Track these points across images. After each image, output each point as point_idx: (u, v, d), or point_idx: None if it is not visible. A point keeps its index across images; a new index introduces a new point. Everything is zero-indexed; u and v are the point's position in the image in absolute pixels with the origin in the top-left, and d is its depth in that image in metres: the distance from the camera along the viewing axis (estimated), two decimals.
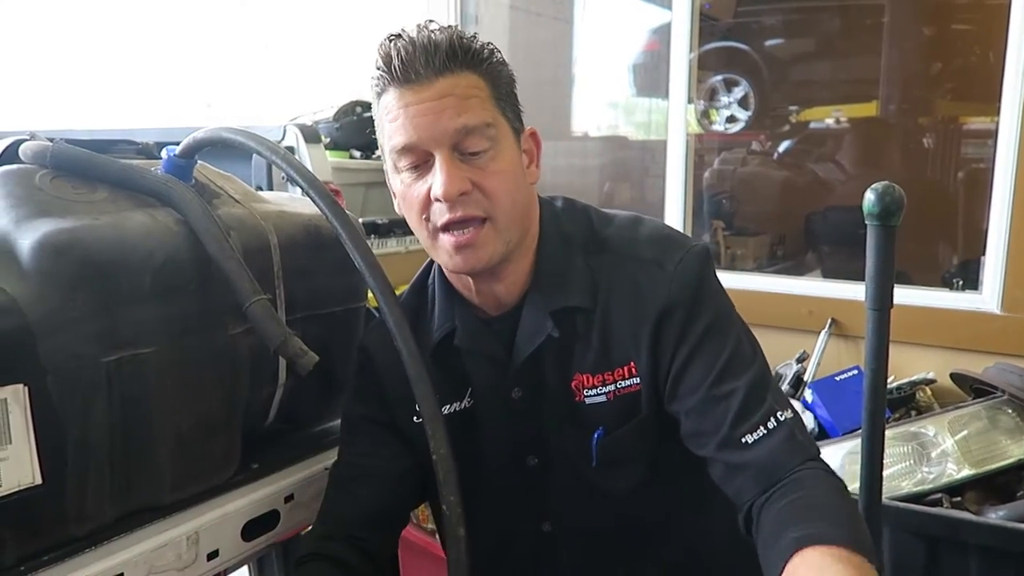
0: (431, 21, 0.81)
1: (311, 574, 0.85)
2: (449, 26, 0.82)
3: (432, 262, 0.93)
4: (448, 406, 0.90)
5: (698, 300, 0.83)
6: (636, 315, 0.84)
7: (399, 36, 0.79)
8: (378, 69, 0.80)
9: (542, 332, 0.85)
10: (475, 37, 0.82)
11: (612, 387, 0.85)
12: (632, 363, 0.84)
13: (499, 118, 0.82)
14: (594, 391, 0.85)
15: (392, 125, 0.80)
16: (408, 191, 0.82)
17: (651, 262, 0.85)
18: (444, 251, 0.82)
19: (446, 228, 0.80)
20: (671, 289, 0.82)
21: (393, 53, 0.78)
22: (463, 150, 0.79)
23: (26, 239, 0.71)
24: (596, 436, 0.86)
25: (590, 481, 0.88)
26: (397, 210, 0.88)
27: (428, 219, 0.81)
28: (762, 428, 0.78)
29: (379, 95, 0.82)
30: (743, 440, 0.78)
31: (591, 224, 0.90)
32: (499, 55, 0.84)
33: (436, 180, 0.78)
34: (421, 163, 0.80)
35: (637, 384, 0.85)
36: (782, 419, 0.79)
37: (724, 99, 3.35)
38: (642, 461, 0.88)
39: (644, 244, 0.86)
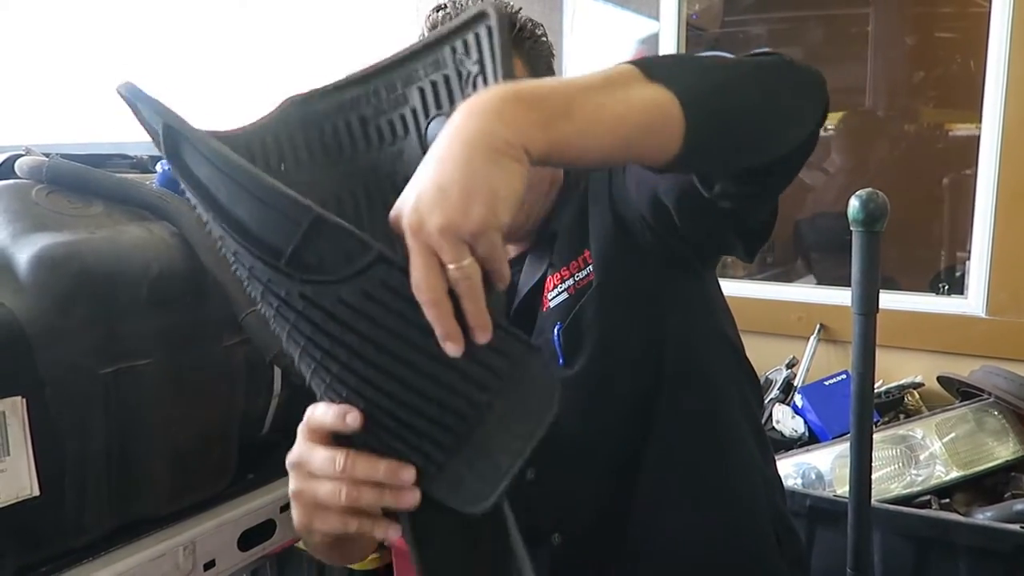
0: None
1: None
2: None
3: None
4: None
5: None
6: (581, 204, 0.86)
7: (444, 7, 0.82)
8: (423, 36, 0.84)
9: (542, 263, 0.87)
10: (519, 13, 0.83)
11: (571, 281, 0.85)
12: (587, 251, 0.84)
13: None
14: (556, 291, 0.85)
15: None
16: None
17: None
18: None
19: None
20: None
21: (440, 21, 0.81)
22: None
23: (23, 253, 0.72)
24: (557, 329, 0.84)
25: (570, 396, 0.86)
26: None
27: None
28: None
29: None
30: None
31: None
32: (540, 30, 0.86)
33: None
34: None
35: (591, 273, 0.84)
36: None
37: None
38: (607, 348, 0.84)
39: None
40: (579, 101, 0.52)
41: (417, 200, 0.47)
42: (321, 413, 0.54)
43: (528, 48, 0.84)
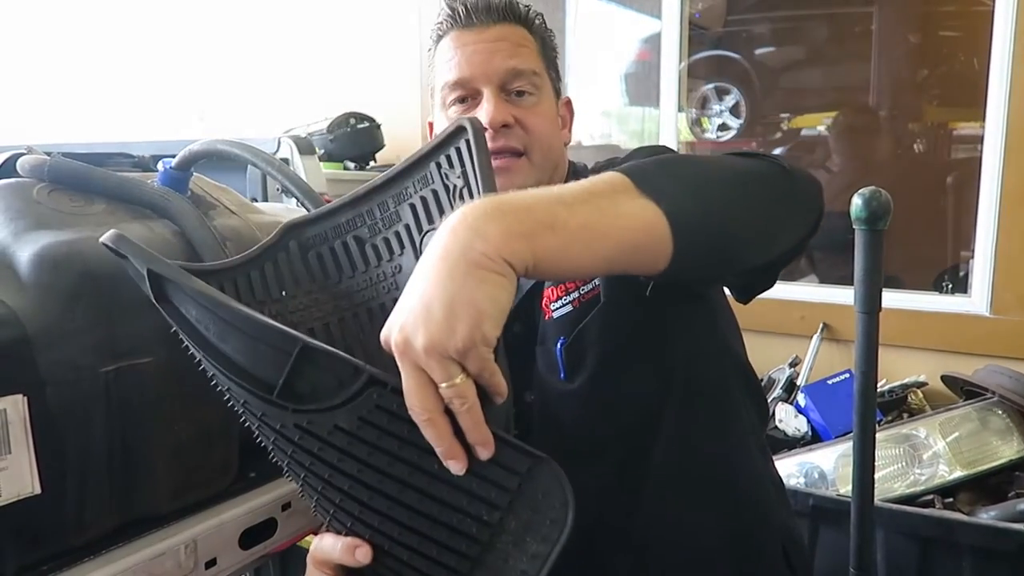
0: None
1: None
2: None
3: None
4: None
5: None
6: None
7: None
8: (442, 15, 0.89)
9: None
10: (529, 7, 0.92)
11: (576, 294, 0.84)
12: None
13: (544, 71, 0.91)
14: (559, 302, 0.85)
15: (448, 63, 0.88)
16: None
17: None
18: None
19: None
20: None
21: (459, 3, 0.88)
22: (509, 90, 0.87)
23: (25, 252, 0.72)
24: (560, 343, 0.84)
25: (571, 409, 0.86)
26: None
27: None
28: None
29: (438, 39, 0.90)
30: None
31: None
32: (548, 27, 0.94)
33: (483, 110, 0.85)
34: (469, 98, 0.87)
35: (596, 287, 0.83)
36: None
37: (716, 107, 3.38)
38: (609, 367, 0.84)
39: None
40: (563, 215, 0.51)
41: (403, 320, 0.46)
42: (329, 546, 0.54)
43: (537, 28, 0.91)
